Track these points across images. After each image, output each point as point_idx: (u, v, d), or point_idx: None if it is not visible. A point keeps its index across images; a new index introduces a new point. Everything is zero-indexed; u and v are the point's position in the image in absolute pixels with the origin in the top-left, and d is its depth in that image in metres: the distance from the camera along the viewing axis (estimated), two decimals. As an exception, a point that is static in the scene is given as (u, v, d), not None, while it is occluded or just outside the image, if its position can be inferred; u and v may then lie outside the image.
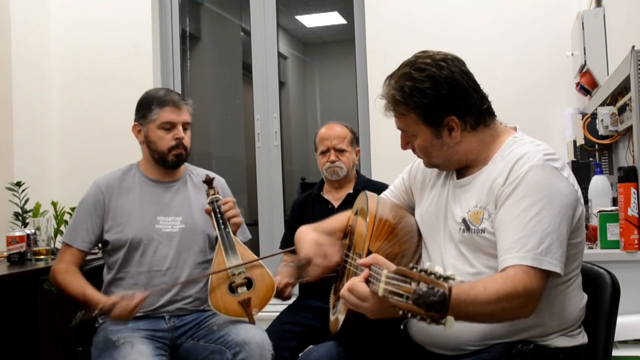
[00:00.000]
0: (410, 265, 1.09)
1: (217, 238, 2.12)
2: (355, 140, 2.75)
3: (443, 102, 1.45)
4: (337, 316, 1.58)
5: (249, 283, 2.07)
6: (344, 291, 1.31)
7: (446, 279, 1.02)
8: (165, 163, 2.25)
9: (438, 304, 1.00)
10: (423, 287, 1.02)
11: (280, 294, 2.21)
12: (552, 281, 1.41)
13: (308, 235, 1.71)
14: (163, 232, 2.21)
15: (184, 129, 2.25)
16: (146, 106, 2.24)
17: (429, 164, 1.60)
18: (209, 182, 2.19)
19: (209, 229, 2.21)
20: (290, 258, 2.68)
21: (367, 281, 1.27)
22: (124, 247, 2.18)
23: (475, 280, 1.37)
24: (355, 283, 1.28)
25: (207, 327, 2.16)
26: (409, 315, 1.04)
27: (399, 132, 1.59)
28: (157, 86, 3.84)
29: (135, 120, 2.28)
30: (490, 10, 3.39)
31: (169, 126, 2.21)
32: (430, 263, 1.07)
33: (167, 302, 2.17)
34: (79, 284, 2.11)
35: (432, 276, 1.03)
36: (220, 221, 2.12)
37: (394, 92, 1.48)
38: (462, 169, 1.58)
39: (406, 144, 1.57)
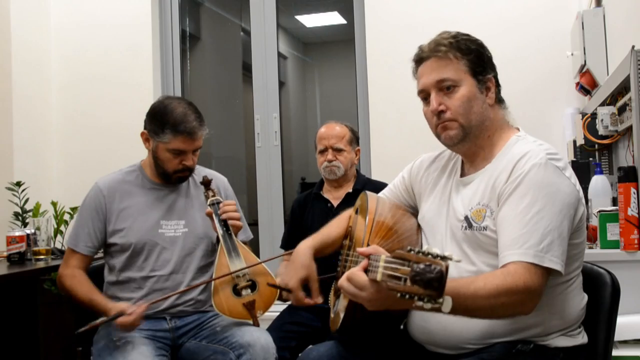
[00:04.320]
0: (408, 247, 1.10)
1: (218, 240, 2.11)
2: (355, 140, 2.75)
3: (487, 58, 1.56)
4: (338, 313, 1.58)
5: (252, 285, 2.06)
6: (342, 281, 1.30)
7: (443, 258, 1.04)
8: (168, 180, 2.22)
9: (435, 280, 1.01)
10: (420, 265, 1.03)
11: (281, 295, 2.22)
12: (553, 280, 1.41)
13: (303, 261, 1.68)
14: (166, 236, 2.19)
15: (194, 152, 2.19)
16: (159, 124, 2.12)
17: (459, 128, 1.50)
18: (206, 183, 2.17)
19: (211, 232, 2.19)
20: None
21: (366, 271, 1.27)
22: (127, 251, 2.17)
23: None
24: (354, 272, 1.28)
25: (210, 327, 2.16)
26: (407, 297, 1.05)
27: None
28: (157, 86, 3.85)
29: (145, 128, 2.20)
30: (490, 10, 3.39)
31: (179, 152, 2.15)
32: (428, 246, 1.08)
33: (168, 307, 2.16)
34: (85, 290, 2.10)
35: (429, 256, 1.05)
36: (222, 223, 2.10)
37: (447, 39, 1.52)
38: (466, 167, 1.59)
39: (439, 104, 1.50)
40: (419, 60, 1.56)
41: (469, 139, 1.52)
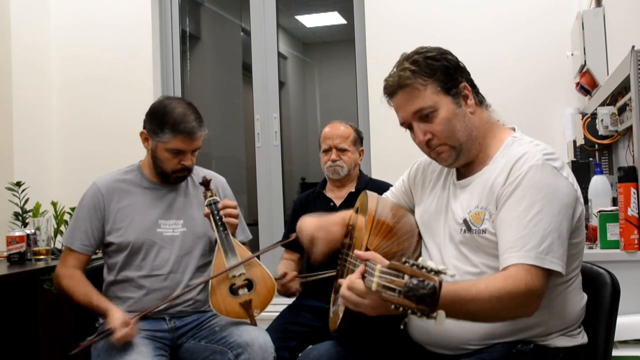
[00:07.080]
0: (403, 259, 1.09)
1: (216, 240, 2.11)
2: (359, 140, 2.76)
3: (453, 66, 1.51)
4: (337, 313, 1.58)
5: (249, 284, 2.07)
6: (343, 289, 1.31)
7: (437, 272, 1.03)
8: (167, 180, 2.22)
9: (428, 296, 1.01)
10: (414, 280, 1.03)
11: (287, 290, 2.25)
12: (552, 281, 1.41)
13: (309, 220, 1.76)
14: (165, 235, 2.19)
15: (193, 152, 2.19)
16: (159, 124, 2.12)
17: (450, 149, 1.51)
18: (205, 184, 2.17)
19: (210, 232, 2.19)
20: (290, 256, 2.69)
21: (363, 278, 1.27)
22: (126, 251, 2.16)
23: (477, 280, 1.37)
24: (353, 280, 1.28)
25: (208, 327, 2.16)
26: (401, 309, 1.05)
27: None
28: (157, 86, 3.85)
29: (144, 128, 2.20)
30: (490, 10, 3.40)
31: (178, 152, 2.15)
32: (423, 258, 1.08)
33: (167, 307, 2.16)
34: (85, 291, 2.10)
35: (424, 270, 1.04)
36: (219, 223, 2.10)
37: (408, 67, 1.48)
38: (463, 170, 1.58)
39: (424, 133, 1.50)
40: (390, 93, 1.55)
41: (463, 154, 1.53)
